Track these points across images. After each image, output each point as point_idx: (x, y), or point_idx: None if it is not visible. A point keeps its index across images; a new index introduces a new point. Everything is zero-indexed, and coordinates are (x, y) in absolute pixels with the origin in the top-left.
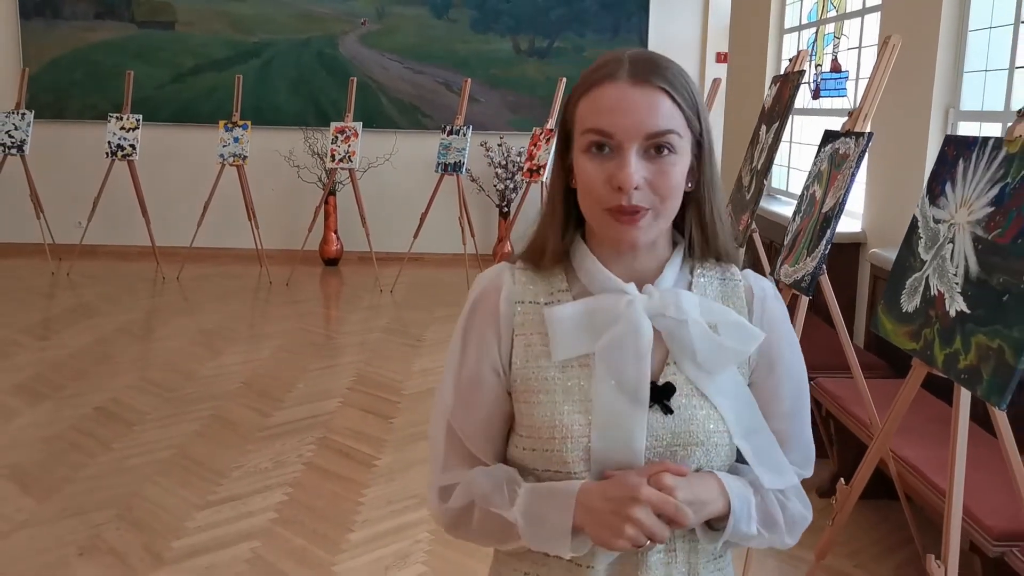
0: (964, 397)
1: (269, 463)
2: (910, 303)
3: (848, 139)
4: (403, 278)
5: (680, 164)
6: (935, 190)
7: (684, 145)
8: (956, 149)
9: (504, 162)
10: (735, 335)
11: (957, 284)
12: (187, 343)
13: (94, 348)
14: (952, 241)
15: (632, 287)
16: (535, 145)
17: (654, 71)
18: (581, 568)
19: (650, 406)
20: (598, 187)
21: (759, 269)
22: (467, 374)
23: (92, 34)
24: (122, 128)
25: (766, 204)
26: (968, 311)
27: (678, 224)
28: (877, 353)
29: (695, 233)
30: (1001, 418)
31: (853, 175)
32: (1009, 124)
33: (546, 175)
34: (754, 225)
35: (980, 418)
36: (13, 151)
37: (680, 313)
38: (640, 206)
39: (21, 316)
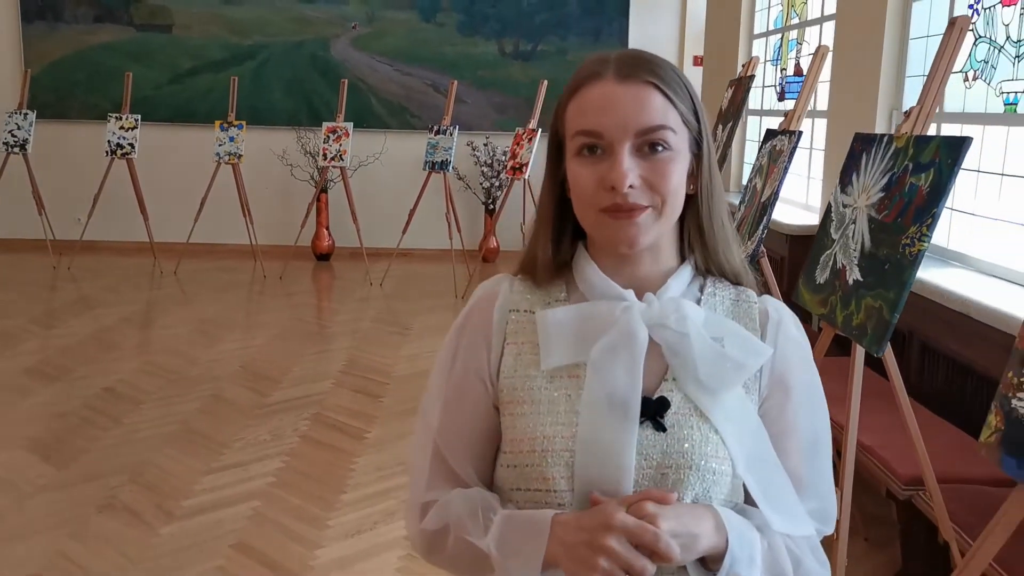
0: (859, 351)
1: (268, 435)
2: (822, 276)
3: (783, 137)
4: (392, 272)
5: (678, 162)
6: (844, 180)
7: (680, 142)
8: (861, 144)
9: (490, 161)
10: (740, 348)
11: (855, 257)
12: (187, 331)
13: (98, 336)
14: (854, 222)
15: (631, 294)
16: (518, 144)
17: (641, 66)
18: None
19: (641, 422)
20: (591, 190)
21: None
22: (456, 384)
23: (92, 37)
24: (121, 128)
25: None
26: (861, 279)
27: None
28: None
29: (694, 240)
30: (891, 364)
31: (786, 168)
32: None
33: (528, 172)
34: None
35: (912, 389)
36: (16, 150)
37: (682, 325)
38: (638, 203)
39: (26, 307)
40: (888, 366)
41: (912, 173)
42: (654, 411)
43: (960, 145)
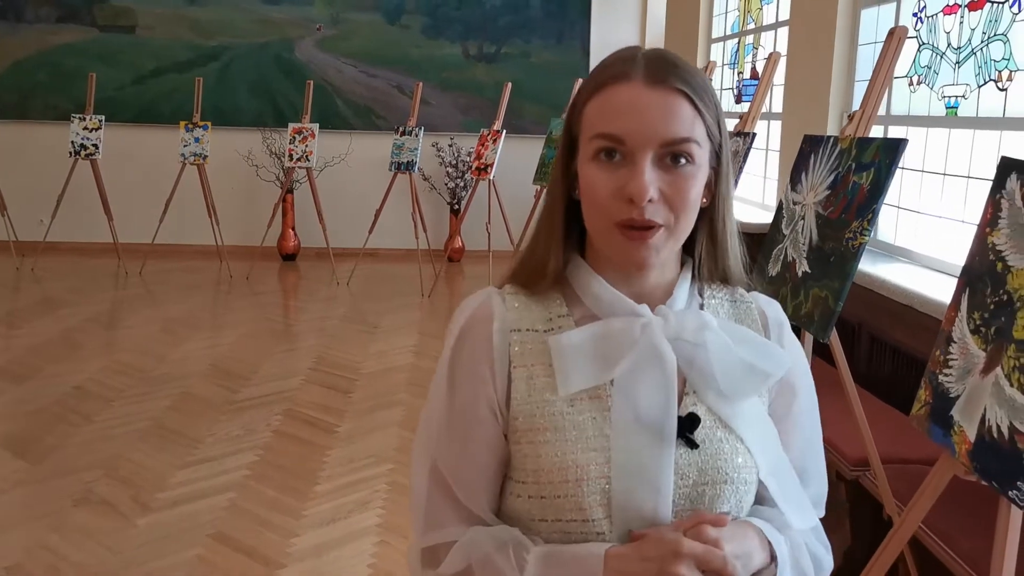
0: (808, 340)
1: (240, 431)
2: (774, 269)
3: (738, 138)
4: (359, 272)
5: (698, 177)
6: (795, 179)
7: (703, 156)
8: (810, 146)
9: (455, 162)
10: (763, 357)
11: (804, 251)
12: (154, 331)
13: (66, 336)
14: (803, 218)
15: (646, 309)
16: (483, 145)
17: (672, 72)
18: None
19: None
20: (606, 199)
21: None
22: (459, 414)
23: (54, 37)
24: (85, 128)
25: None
26: (809, 271)
27: (686, 244)
28: None
29: (705, 252)
30: (838, 351)
31: (741, 168)
32: (891, 127)
33: (493, 172)
34: None
35: (860, 378)
36: None
37: (699, 336)
38: (653, 221)
39: None
40: (835, 353)
41: (855, 172)
42: (684, 429)
43: (897, 146)
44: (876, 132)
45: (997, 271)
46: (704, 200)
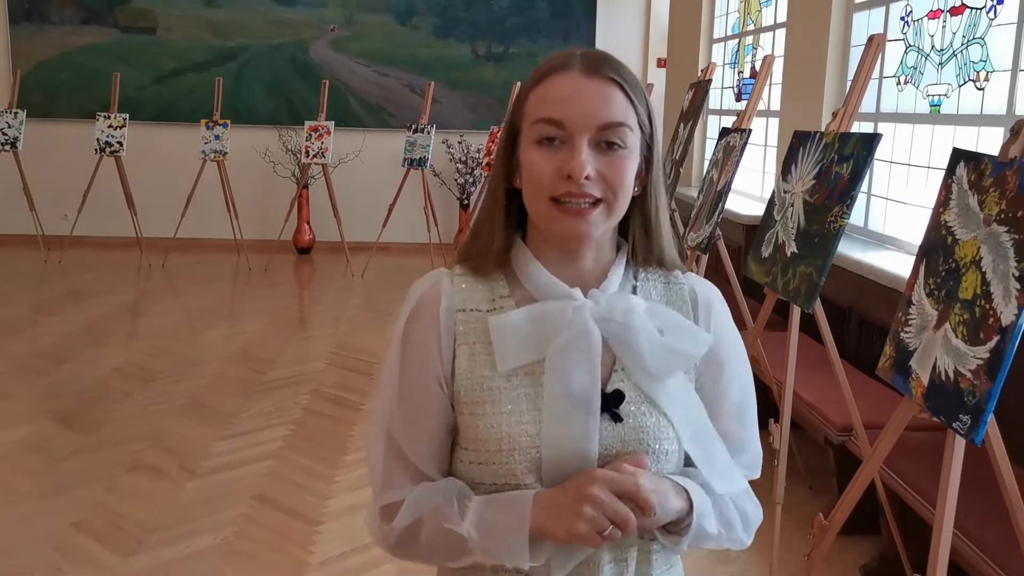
0: (795, 310)
1: (272, 408)
2: (767, 251)
3: (736, 134)
4: (372, 265)
5: (631, 160)
6: (785, 170)
7: (635, 142)
8: (799, 140)
9: (464, 158)
10: (684, 339)
11: (793, 234)
12: (179, 319)
13: (95, 323)
14: (792, 205)
15: (578, 292)
16: (492, 142)
17: (606, 64)
18: None
19: (600, 414)
20: (546, 178)
21: (721, 268)
22: (410, 387)
23: (78, 38)
24: (110, 126)
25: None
26: (797, 252)
27: (622, 230)
28: (775, 311)
29: (639, 238)
30: (823, 323)
31: (738, 162)
32: (880, 123)
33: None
34: (674, 205)
35: (851, 358)
36: (7, 148)
37: (627, 318)
38: (590, 193)
39: (24, 297)
40: (820, 325)
41: (837, 163)
42: (610, 403)
43: (872, 140)
44: (867, 128)
45: (947, 243)
46: (636, 189)
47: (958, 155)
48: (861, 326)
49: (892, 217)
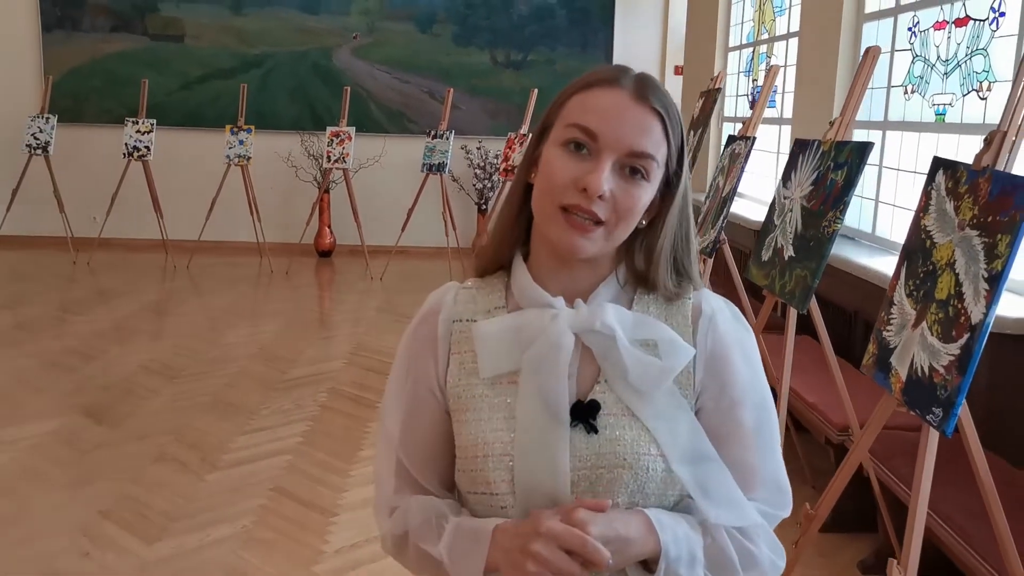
0: (792, 312)
1: (291, 405)
2: (767, 254)
3: (741, 142)
4: (391, 268)
5: (647, 192)
6: (786, 176)
7: (657, 176)
8: (799, 148)
9: (482, 163)
10: (665, 352)
11: (791, 238)
12: (203, 319)
13: (123, 322)
14: (791, 211)
15: (560, 301)
16: (510, 148)
17: (656, 94)
18: None
19: (574, 424)
20: (561, 182)
21: (727, 272)
22: (409, 396)
23: (108, 45)
24: (138, 131)
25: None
26: (794, 255)
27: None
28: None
29: (636, 265)
30: (819, 324)
31: (742, 168)
32: (888, 132)
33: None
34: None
35: (856, 362)
36: (39, 152)
37: (607, 328)
38: (596, 213)
39: (54, 297)
40: (816, 325)
41: (832, 171)
42: (585, 414)
43: (864, 148)
44: (876, 136)
45: (926, 247)
46: (643, 221)
47: (937, 163)
48: (866, 330)
49: (899, 223)
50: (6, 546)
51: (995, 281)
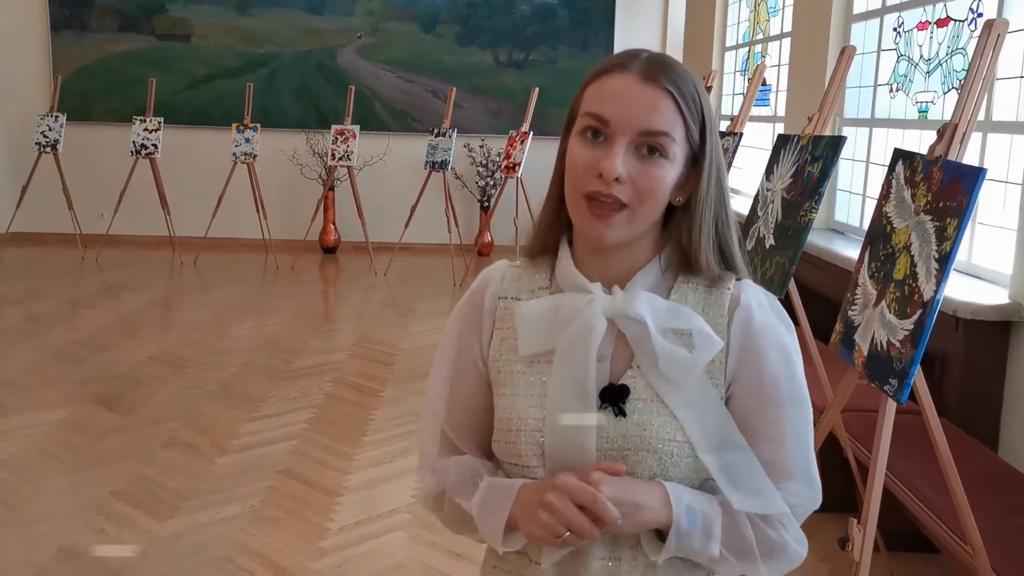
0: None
1: (296, 393)
2: (750, 244)
3: (729, 137)
4: (395, 264)
5: (669, 170)
6: (769, 170)
7: (678, 153)
8: (781, 143)
9: (485, 161)
10: (696, 342)
11: (772, 228)
12: (211, 313)
13: (131, 316)
14: (772, 202)
15: (598, 287)
16: (511, 146)
17: (665, 73)
18: (531, 564)
19: (603, 407)
20: (580, 170)
21: None
22: (454, 368)
23: (116, 45)
24: (146, 129)
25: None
26: (774, 244)
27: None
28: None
29: (678, 246)
30: (798, 307)
31: (729, 163)
32: (874, 129)
33: (520, 171)
34: None
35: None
36: (47, 150)
37: (639, 315)
38: (616, 196)
39: (63, 292)
40: (796, 308)
41: (809, 164)
42: (615, 397)
43: (838, 143)
44: (863, 134)
45: (887, 232)
46: (679, 199)
47: (898, 154)
48: None
49: None
50: (25, 523)
51: (944, 261)
